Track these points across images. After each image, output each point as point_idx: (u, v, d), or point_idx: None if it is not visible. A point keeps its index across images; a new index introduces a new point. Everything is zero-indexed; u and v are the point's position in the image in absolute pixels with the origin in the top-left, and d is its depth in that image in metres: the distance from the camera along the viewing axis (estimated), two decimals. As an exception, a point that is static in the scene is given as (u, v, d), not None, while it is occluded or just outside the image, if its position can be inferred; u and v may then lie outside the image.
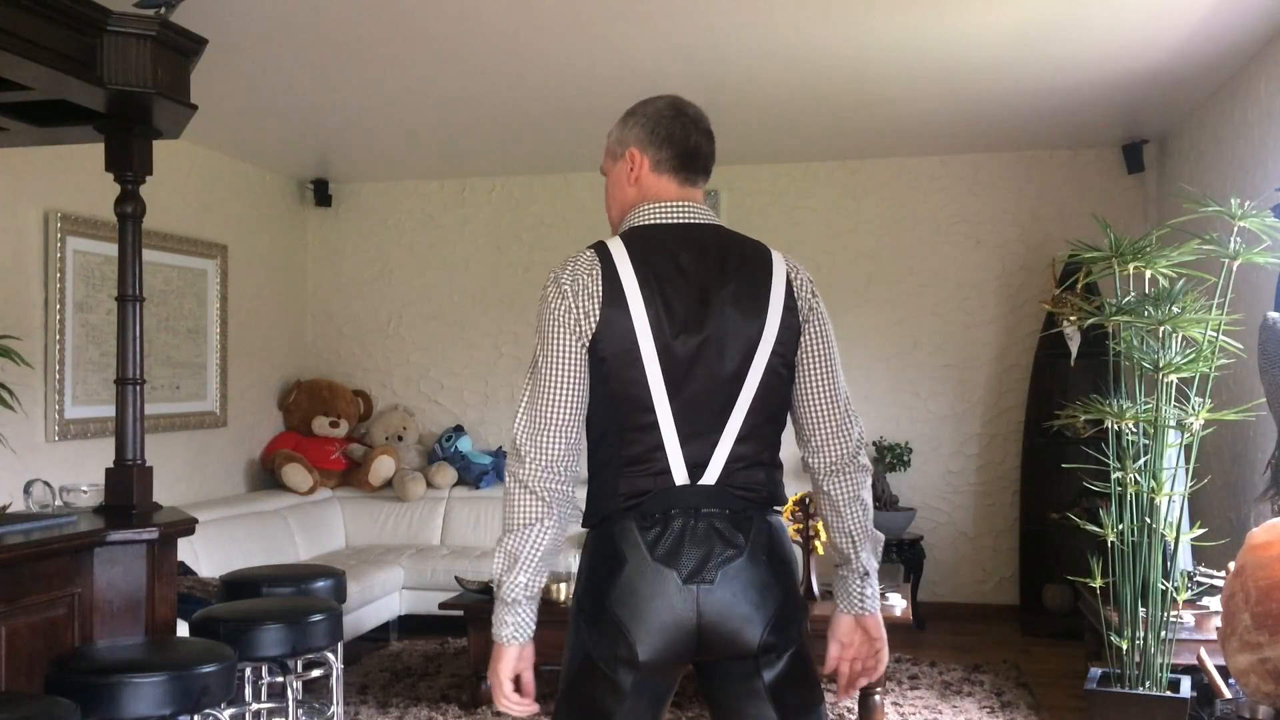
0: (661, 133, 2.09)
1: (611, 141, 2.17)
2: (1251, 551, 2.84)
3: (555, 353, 1.96)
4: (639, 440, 1.94)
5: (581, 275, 1.96)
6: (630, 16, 4.08)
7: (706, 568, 1.92)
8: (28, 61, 2.77)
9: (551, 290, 1.97)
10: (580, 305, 1.94)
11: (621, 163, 2.13)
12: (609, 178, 2.17)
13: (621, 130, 2.15)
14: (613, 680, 1.93)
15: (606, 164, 2.18)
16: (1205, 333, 3.59)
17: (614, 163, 2.16)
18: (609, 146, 2.18)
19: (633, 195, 2.11)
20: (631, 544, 1.93)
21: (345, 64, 4.60)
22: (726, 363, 1.96)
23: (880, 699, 4.49)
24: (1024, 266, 6.43)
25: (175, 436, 5.82)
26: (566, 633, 2.03)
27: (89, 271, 5.15)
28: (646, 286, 1.94)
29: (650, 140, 2.10)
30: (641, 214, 2.07)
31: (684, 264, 1.97)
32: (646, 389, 1.92)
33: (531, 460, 1.95)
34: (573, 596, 2.04)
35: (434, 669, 5.44)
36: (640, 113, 2.14)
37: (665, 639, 1.92)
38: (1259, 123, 4.62)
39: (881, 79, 4.88)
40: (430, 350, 7.13)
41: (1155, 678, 3.60)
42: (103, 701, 2.68)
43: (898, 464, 6.29)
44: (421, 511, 6.58)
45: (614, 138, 2.16)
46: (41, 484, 3.34)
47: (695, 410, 1.94)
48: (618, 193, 2.15)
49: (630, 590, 1.91)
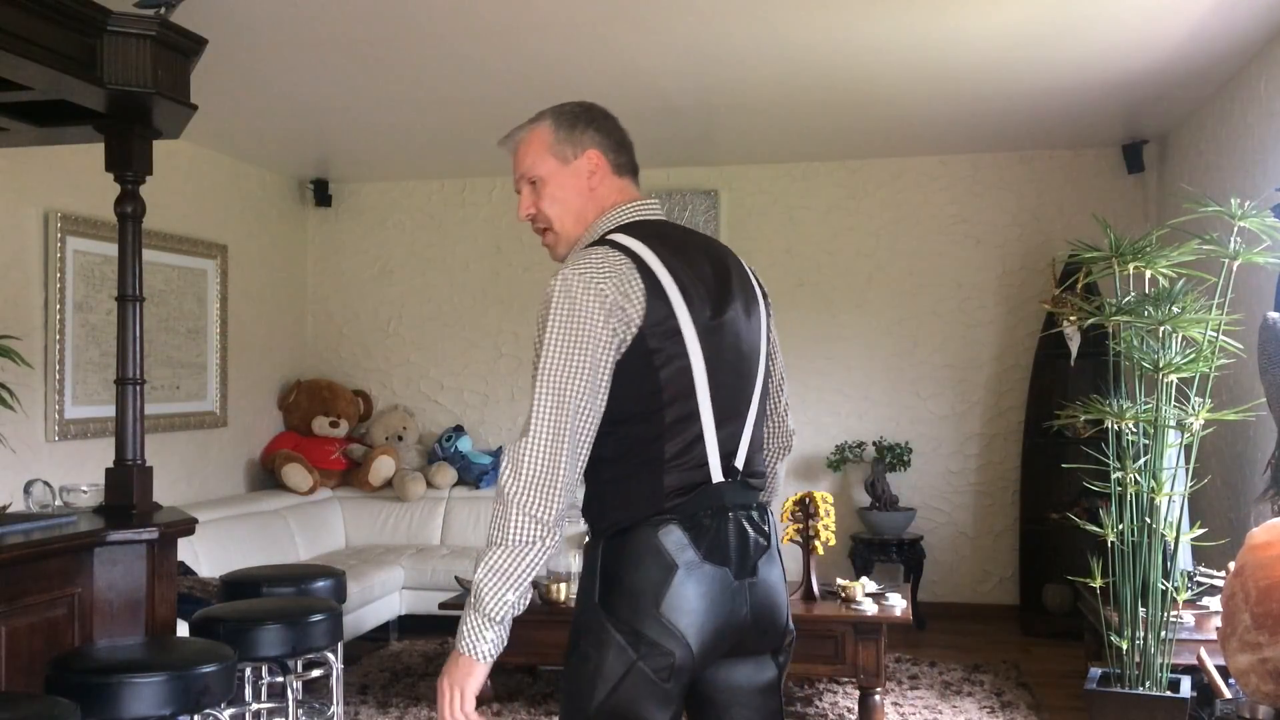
0: (616, 136, 2.13)
1: (552, 145, 2.09)
2: (1251, 551, 2.84)
3: (584, 362, 1.86)
4: (680, 433, 1.92)
5: (619, 270, 1.90)
6: (630, 16, 4.08)
7: (750, 561, 1.96)
8: (28, 61, 2.76)
9: (581, 294, 1.87)
10: (621, 302, 1.87)
11: (576, 164, 2.08)
12: (551, 184, 2.08)
13: (570, 134, 2.09)
14: (665, 690, 1.89)
15: (546, 166, 2.09)
16: (1205, 333, 3.59)
17: (562, 165, 2.08)
18: (548, 149, 2.09)
19: (593, 198, 2.09)
20: (679, 547, 1.90)
21: (345, 64, 4.60)
22: (744, 350, 2.03)
23: (880, 699, 4.49)
24: (1024, 266, 6.43)
25: (175, 436, 5.82)
26: (583, 643, 1.92)
27: (89, 271, 5.15)
28: (674, 275, 1.95)
29: (608, 144, 2.11)
30: (626, 213, 2.06)
31: (691, 255, 2.01)
32: (691, 376, 1.93)
33: (543, 486, 1.83)
34: (594, 605, 1.92)
35: (434, 669, 5.44)
36: (585, 115, 2.12)
37: (719, 639, 1.93)
38: (1259, 123, 4.62)
39: (881, 79, 4.88)
40: (430, 350, 7.13)
41: (1155, 678, 3.60)
42: (103, 701, 2.68)
43: (898, 464, 6.29)
44: (421, 511, 6.58)
45: (555, 140, 2.09)
46: (41, 484, 3.34)
47: (725, 397, 1.97)
48: (572, 197, 2.08)
49: (685, 596, 1.88)
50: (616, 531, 1.92)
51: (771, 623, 2.00)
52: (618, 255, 1.93)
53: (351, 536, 6.59)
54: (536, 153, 2.10)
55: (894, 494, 6.28)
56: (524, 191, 2.13)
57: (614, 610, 1.89)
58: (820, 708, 4.79)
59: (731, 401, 1.98)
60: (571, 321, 1.87)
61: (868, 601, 4.56)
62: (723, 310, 1.98)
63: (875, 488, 6.26)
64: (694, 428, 1.93)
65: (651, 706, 1.88)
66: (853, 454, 6.40)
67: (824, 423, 6.58)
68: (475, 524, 6.51)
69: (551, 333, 1.87)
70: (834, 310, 6.62)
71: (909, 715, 4.64)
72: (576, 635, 1.95)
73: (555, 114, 2.13)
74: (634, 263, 1.92)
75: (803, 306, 6.58)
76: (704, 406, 1.93)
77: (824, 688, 5.04)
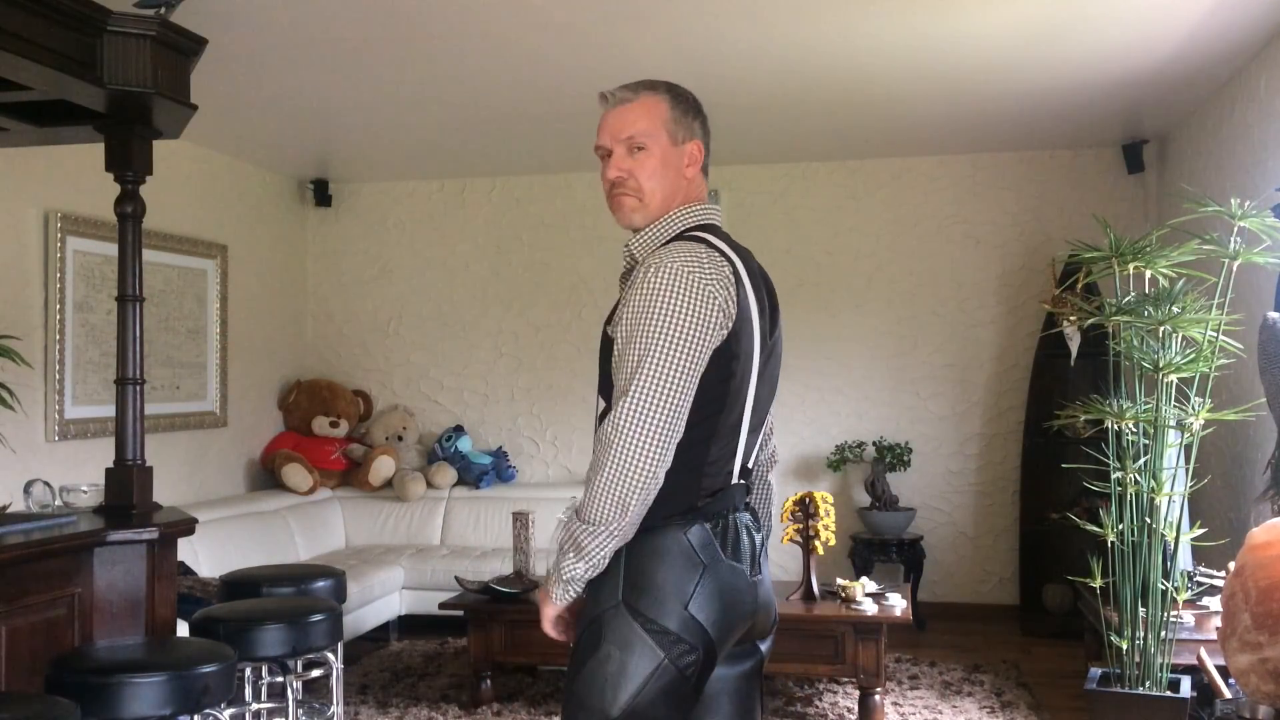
0: (709, 137, 2.16)
1: (669, 120, 2.08)
2: (1251, 551, 2.84)
3: (689, 356, 1.87)
4: (725, 439, 1.98)
5: (724, 275, 1.94)
6: (630, 16, 4.08)
7: (757, 559, 2.03)
8: (28, 61, 2.76)
9: (698, 290, 1.89)
10: (727, 308, 1.92)
11: (683, 149, 2.09)
12: (656, 157, 2.06)
13: (684, 118, 2.09)
14: (689, 688, 1.91)
15: (657, 139, 2.06)
16: (1205, 333, 3.59)
17: (672, 145, 2.08)
18: (663, 123, 2.07)
19: (683, 187, 2.09)
20: (706, 545, 1.93)
21: (345, 64, 4.60)
22: (776, 365, 2.12)
23: (880, 699, 4.49)
24: (1024, 266, 6.43)
25: (175, 436, 5.82)
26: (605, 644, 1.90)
27: (89, 271, 5.15)
28: (754, 291, 2.02)
29: (706, 140, 2.15)
30: (704, 213, 2.10)
31: (753, 270, 2.06)
32: (748, 390, 1.99)
33: (643, 480, 1.85)
34: (616, 604, 1.91)
35: (434, 669, 5.44)
36: (696, 105, 2.14)
37: (735, 635, 1.99)
38: (1259, 123, 4.62)
39: (881, 79, 4.88)
40: (430, 350, 7.13)
41: (1155, 678, 3.60)
42: (103, 701, 2.68)
43: (898, 464, 6.28)
44: (421, 511, 6.58)
45: (672, 118, 2.08)
46: (41, 484, 3.34)
47: (760, 409, 2.06)
48: (671, 177, 2.08)
49: (711, 594, 1.91)
50: (643, 530, 1.93)
51: (768, 616, 2.09)
52: (720, 260, 1.96)
53: (351, 536, 6.59)
54: (652, 121, 2.07)
55: (894, 494, 6.28)
56: (618, 152, 2.08)
57: (641, 609, 1.89)
58: (820, 708, 4.79)
59: (761, 412, 2.07)
60: (688, 315, 1.88)
61: (868, 601, 4.56)
62: (773, 329, 2.08)
63: (875, 488, 6.26)
64: (737, 435, 2.00)
65: (673, 706, 1.89)
66: (853, 454, 6.40)
67: (824, 423, 6.58)
68: (475, 524, 6.51)
69: (665, 324, 1.87)
70: (834, 310, 6.62)
71: (909, 715, 4.64)
72: (595, 635, 1.92)
73: (672, 91, 2.12)
74: (732, 272, 1.96)
75: (803, 306, 6.58)
76: (746, 417, 2.00)
77: (824, 688, 5.04)
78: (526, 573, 5.02)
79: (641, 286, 1.91)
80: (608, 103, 2.12)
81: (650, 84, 2.12)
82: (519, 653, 4.83)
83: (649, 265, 1.93)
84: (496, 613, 4.77)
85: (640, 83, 2.13)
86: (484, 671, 4.80)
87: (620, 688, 1.87)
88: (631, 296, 1.92)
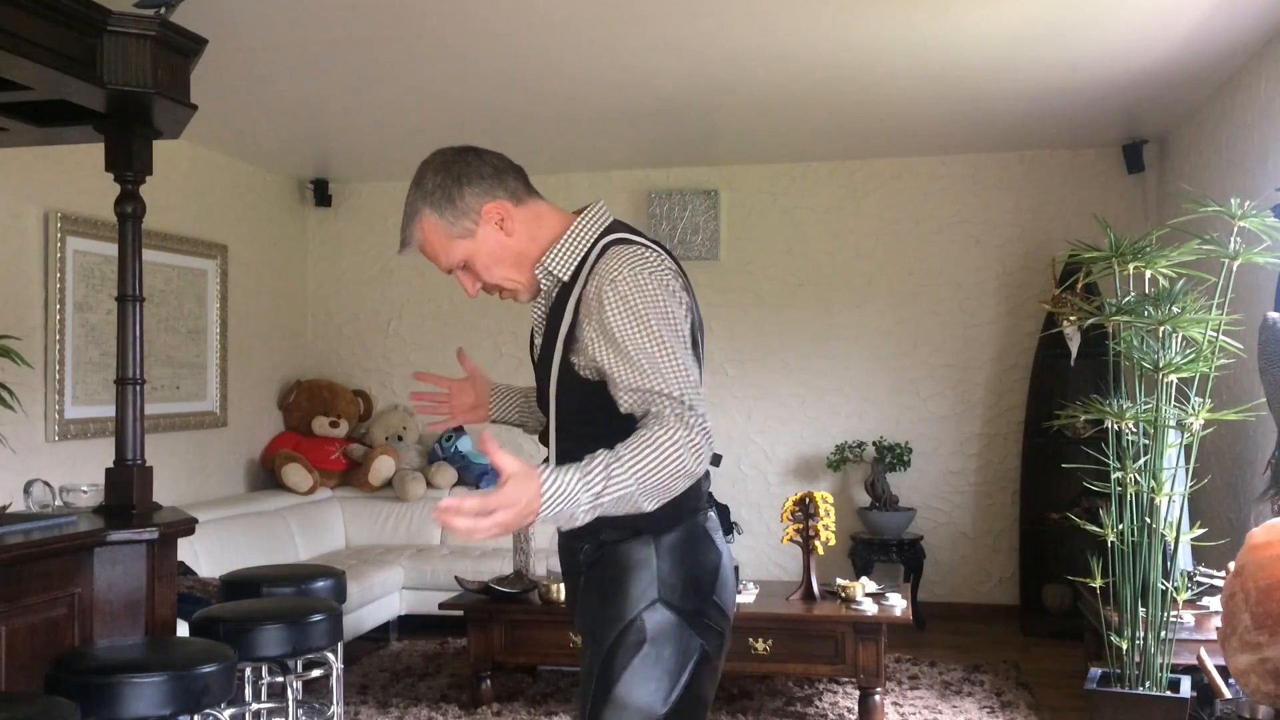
0: (489, 171, 1.99)
1: (449, 228, 1.96)
2: (1251, 551, 2.84)
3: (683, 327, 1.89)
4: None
5: (667, 266, 1.93)
6: (630, 16, 4.08)
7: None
8: (28, 61, 2.76)
9: (666, 273, 1.89)
10: (681, 292, 1.94)
11: (485, 228, 1.97)
12: (481, 256, 1.98)
13: (454, 209, 1.96)
14: (718, 667, 2.00)
15: (462, 246, 1.97)
16: (1205, 333, 3.59)
17: (472, 239, 1.97)
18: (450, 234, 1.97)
19: (526, 235, 1.99)
20: (715, 529, 2.02)
21: (345, 64, 4.60)
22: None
23: (880, 699, 4.49)
24: (1024, 266, 6.43)
25: (175, 436, 5.82)
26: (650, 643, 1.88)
27: (89, 271, 5.15)
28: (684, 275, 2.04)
29: (490, 186, 1.98)
30: (596, 219, 2.00)
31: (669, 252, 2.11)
32: (702, 370, 2.01)
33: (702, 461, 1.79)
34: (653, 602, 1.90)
35: (434, 669, 5.44)
36: (452, 179, 1.97)
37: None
38: (1259, 123, 4.62)
39: (881, 79, 4.88)
40: (430, 350, 7.13)
41: (1155, 678, 3.60)
42: (103, 701, 2.68)
43: (898, 464, 6.28)
44: (421, 511, 6.57)
45: (448, 223, 1.96)
46: (41, 484, 3.34)
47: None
48: (508, 248, 1.98)
49: (724, 579, 1.98)
50: (671, 524, 1.93)
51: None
52: (657, 253, 1.94)
53: (351, 536, 6.58)
54: (443, 242, 1.98)
55: (894, 494, 6.28)
56: (459, 276, 2.04)
57: (678, 602, 1.91)
58: (820, 708, 4.79)
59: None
60: (670, 309, 1.86)
61: (868, 601, 4.56)
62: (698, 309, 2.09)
63: (875, 488, 6.26)
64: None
65: (710, 688, 1.98)
66: (853, 454, 6.40)
67: (824, 423, 6.58)
68: (475, 524, 6.50)
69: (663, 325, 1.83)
70: (834, 310, 6.62)
71: (909, 715, 4.64)
72: (636, 636, 1.89)
73: (428, 198, 1.97)
74: (672, 262, 1.97)
75: (803, 306, 6.58)
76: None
77: (824, 688, 5.04)
78: (526, 573, 5.02)
79: (613, 302, 1.84)
80: (409, 252, 2.04)
81: (412, 209, 1.99)
82: (519, 653, 4.83)
83: (604, 278, 1.86)
84: (496, 613, 4.77)
85: (407, 214, 2.01)
86: (484, 671, 4.80)
87: (667, 683, 1.88)
88: (605, 315, 1.84)
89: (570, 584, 2.11)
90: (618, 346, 1.83)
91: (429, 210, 1.97)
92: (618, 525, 1.90)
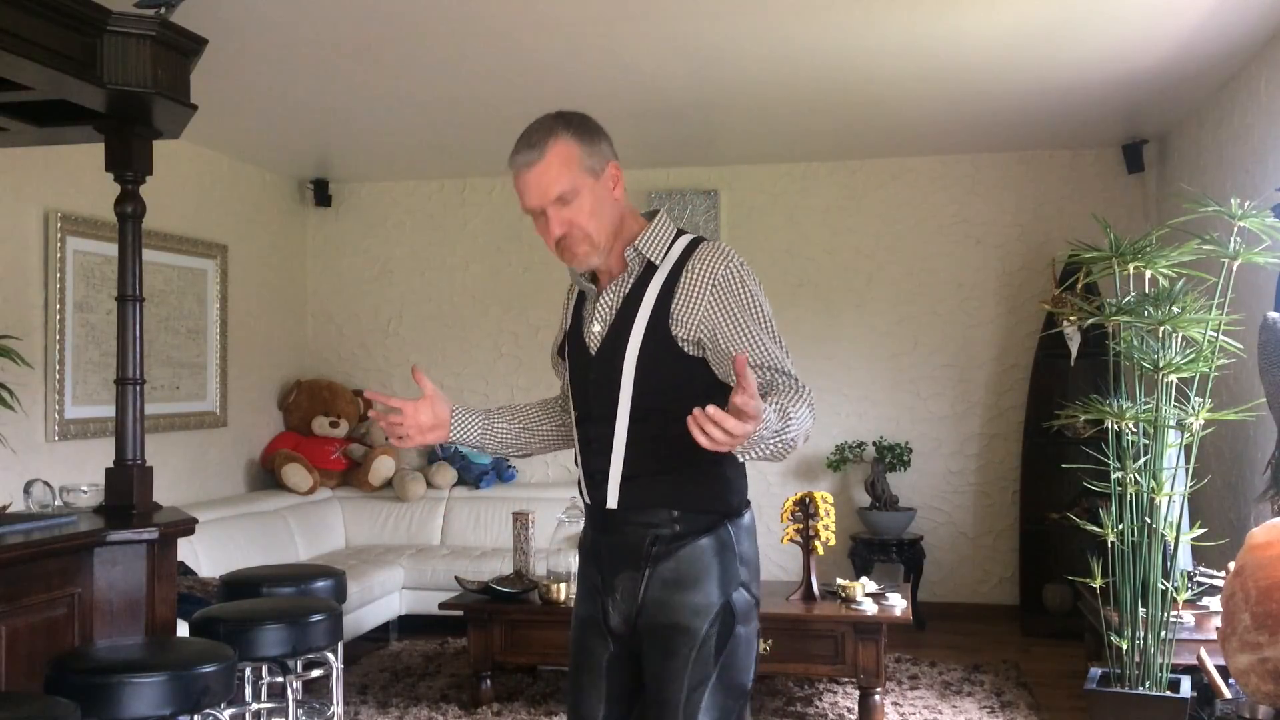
0: (613, 145, 2.18)
1: (583, 161, 2.04)
2: (1251, 551, 2.84)
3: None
4: None
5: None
6: (630, 16, 4.08)
7: None
8: (28, 61, 2.76)
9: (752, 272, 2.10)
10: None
11: (604, 178, 2.08)
12: (589, 200, 2.05)
13: (594, 148, 2.06)
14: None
15: (583, 183, 2.04)
16: (1205, 333, 3.59)
17: (595, 180, 2.05)
18: (581, 168, 2.04)
19: (620, 210, 2.14)
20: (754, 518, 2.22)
21: (345, 64, 4.60)
22: None
23: (880, 699, 4.49)
24: (1024, 266, 6.43)
25: (175, 436, 5.82)
26: (740, 627, 2.08)
27: (89, 271, 5.15)
28: None
29: (615, 154, 2.16)
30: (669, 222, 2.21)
31: None
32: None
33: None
34: (738, 586, 2.09)
35: (434, 669, 5.44)
36: (599, 130, 2.11)
37: None
38: (1259, 123, 4.62)
39: (881, 79, 4.88)
40: (430, 350, 7.13)
41: (1155, 678, 3.60)
42: (103, 701, 2.68)
43: (898, 464, 6.29)
44: (421, 511, 6.58)
45: (584, 155, 2.04)
46: (41, 484, 3.34)
47: None
48: (608, 208, 2.09)
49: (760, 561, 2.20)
50: (737, 514, 2.13)
51: None
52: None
53: (351, 536, 6.59)
54: (571, 170, 2.03)
55: (894, 494, 6.28)
56: (552, 210, 2.05)
57: (751, 587, 2.13)
58: (820, 708, 4.79)
59: None
60: (764, 299, 2.07)
61: (868, 601, 4.56)
62: None
63: (875, 488, 6.26)
64: None
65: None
66: (853, 454, 6.40)
67: (824, 423, 6.58)
68: (475, 524, 6.51)
69: (761, 308, 2.04)
70: (834, 310, 6.62)
71: (909, 715, 4.64)
72: (726, 623, 2.06)
73: (573, 127, 2.06)
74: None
75: (803, 306, 6.58)
76: None
77: (824, 688, 5.04)
78: (526, 573, 5.02)
79: (725, 279, 2.02)
80: (519, 164, 2.07)
81: (549, 128, 2.05)
82: (519, 653, 4.83)
83: (715, 264, 2.04)
84: (496, 613, 4.77)
85: (541, 130, 2.06)
86: (484, 671, 4.80)
87: (752, 660, 2.11)
88: (727, 298, 2.02)
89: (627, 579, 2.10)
90: (740, 327, 2.01)
91: (570, 135, 2.05)
92: (699, 510, 2.06)
